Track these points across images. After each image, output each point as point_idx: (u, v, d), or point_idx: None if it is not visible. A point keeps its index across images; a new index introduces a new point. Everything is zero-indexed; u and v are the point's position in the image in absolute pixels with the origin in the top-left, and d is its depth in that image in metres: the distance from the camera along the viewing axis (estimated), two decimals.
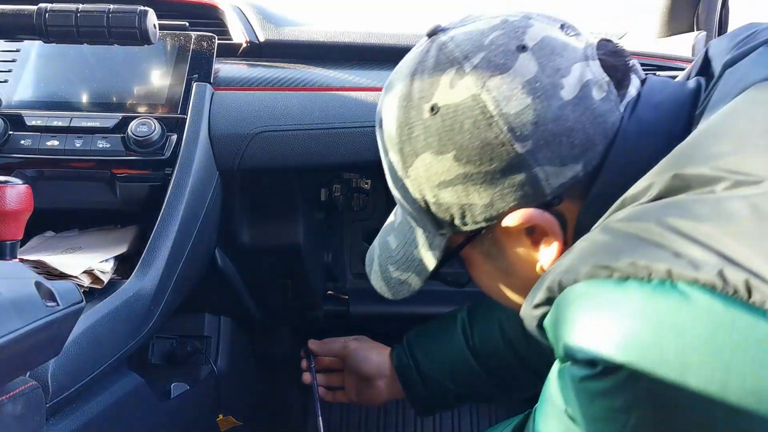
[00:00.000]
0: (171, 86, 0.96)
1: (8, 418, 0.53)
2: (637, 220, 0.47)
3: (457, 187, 0.57)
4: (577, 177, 0.55)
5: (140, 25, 0.82)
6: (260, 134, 0.97)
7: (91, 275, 0.79)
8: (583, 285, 0.47)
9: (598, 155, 0.55)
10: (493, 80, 0.55)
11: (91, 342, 0.70)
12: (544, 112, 0.54)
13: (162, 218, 0.86)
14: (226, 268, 1.10)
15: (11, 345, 0.46)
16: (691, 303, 0.42)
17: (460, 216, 0.59)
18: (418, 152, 0.58)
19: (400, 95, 0.60)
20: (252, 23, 1.11)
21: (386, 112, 0.62)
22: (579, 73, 0.55)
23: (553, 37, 0.57)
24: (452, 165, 0.56)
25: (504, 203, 0.57)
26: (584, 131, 0.54)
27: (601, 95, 0.55)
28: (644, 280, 0.44)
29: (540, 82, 0.54)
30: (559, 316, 0.49)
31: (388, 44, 1.10)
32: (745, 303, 0.41)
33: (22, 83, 0.97)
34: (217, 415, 1.19)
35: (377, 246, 0.74)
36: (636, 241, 0.46)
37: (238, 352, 1.28)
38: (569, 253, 0.51)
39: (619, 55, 0.59)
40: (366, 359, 1.04)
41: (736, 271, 0.41)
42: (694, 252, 0.43)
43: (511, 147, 0.54)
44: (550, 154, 0.54)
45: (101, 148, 0.90)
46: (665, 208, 0.47)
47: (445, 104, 0.56)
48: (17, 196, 0.68)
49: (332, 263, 1.39)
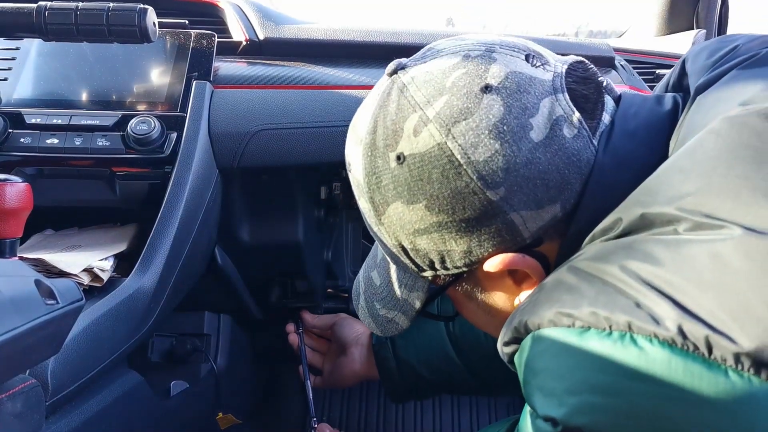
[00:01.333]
0: (171, 84, 0.96)
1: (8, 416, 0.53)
2: (601, 261, 0.47)
3: (433, 234, 0.56)
4: (556, 218, 0.54)
5: (140, 23, 0.82)
6: (260, 132, 0.97)
7: (91, 273, 0.79)
8: (546, 331, 0.47)
9: (576, 194, 0.53)
10: (457, 127, 0.52)
11: (90, 340, 0.70)
12: (514, 157, 0.52)
13: (162, 216, 0.86)
14: (226, 266, 1.10)
15: (11, 343, 0.46)
16: (650, 359, 0.41)
17: (440, 261, 0.58)
18: (389, 201, 0.57)
19: (365, 143, 0.58)
20: (252, 21, 1.11)
21: (353, 159, 0.60)
22: (548, 110, 0.53)
23: (518, 71, 0.54)
24: (425, 214, 0.55)
25: (482, 249, 0.55)
26: (558, 172, 0.52)
27: (573, 132, 0.53)
28: (605, 332, 0.43)
29: (507, 125, 0.52)
30: (522, 361, 0.49)
31: (387, 42, 1.10)
32: (706, 360, 0.40)
33: (22, 81, 0.97)
34: (216, 413, 1.19)
35: (362, 280, 0.73)
36: (599, 286, 0.45)
37: (237, 350, 1.28)
38: (538, 292, 0.50)
39: (589, 80, 0.56)
40: (350, 326, 1.08)
41: (696, 326, 0.40)
42: (655, 303, 0.42)
43: (483, 195, 0.52)
44: (525, 198, 0.52)
45: (101, 146, 0.90)
46: (628, 251, 0.46)
47: (410, 153, 0.54)
48: (17, 194, 0.68)
49: (332, 261, 1.39)
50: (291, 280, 1.23)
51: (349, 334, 1.06)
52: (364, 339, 1.05)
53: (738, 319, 0.40)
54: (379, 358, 1.02)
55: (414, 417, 1.44)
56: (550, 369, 0.46)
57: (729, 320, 0.40)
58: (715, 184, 0.45)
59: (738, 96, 0.51)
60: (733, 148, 0.47)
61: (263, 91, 1.00)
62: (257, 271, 1.19)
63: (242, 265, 1.14)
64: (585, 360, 0.44)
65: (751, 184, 0.44)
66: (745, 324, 0.39)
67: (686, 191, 0.46)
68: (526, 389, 0.49)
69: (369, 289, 0.70)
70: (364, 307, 0.72)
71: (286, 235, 1.13)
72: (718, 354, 0.40)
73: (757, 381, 0.39)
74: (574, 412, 0.44)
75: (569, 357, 0.45)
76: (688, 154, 0.49)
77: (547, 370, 0.46)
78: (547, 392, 0.46)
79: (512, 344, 0.52)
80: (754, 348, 0.39)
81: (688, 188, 0.46)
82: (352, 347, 1.05)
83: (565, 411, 0.44)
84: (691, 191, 0.46)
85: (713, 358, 0.40)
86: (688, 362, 0.40)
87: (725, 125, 0.48)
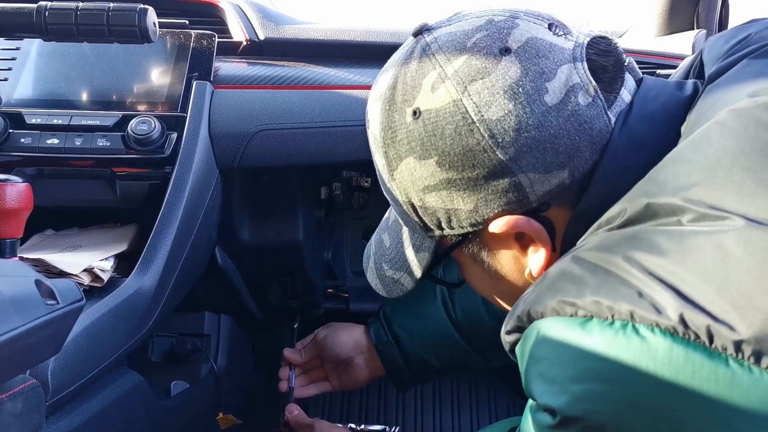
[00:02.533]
0: (171, 84, 0.96)
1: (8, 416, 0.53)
2: (605, 251, 0.47)
3: (441, 192, 0.57)
4: (563, 184, 0.54)
5: (140, 24, 0.82)
6: (260, 132, 0.97)
7: (91, 273, 0.79)
8: (549, 321, 0.47)
9: (585, 162, 0.54)
10: (474, 85, 0.53)
11: (91, 340, 0.70)
12: (526, 118, 0.52)
13: (162, 216, 0.86)
14: (226, 266, 1.10)
15: (11, 343, 0.46)
16: (652, 348, 0.42)
17: (446, 220, 0.59)
18: (402, 156, 0.58)
19: (384, 98, 0.59)
20: (252, 21, 1.11)
21: (372, 114, 0.61)
22: (565, 76, 0.54)
23: (539, 38, 0.55)
24: (435, 170, 0.56)
25: (489, 209, 0.56)
26: (569, 138, 0.53)
27: (587, 100, 0.54)
28: (607, 322, 0.44)
29: (523, 87, 0.53)
30: (525, 350, 0.50)
31: (388, 42, 1.10)
32: (707, 348, 0.40)
33: (22, 81, 0.97)
34: (216, 413, 1.19)
35: (373, 243, 0.74)
36: (602, 276, 0.46)
37: (238, 350, 1.28)
38: (541, 281, 0.51)
39: (610, 54, 0.57)
40: (338, 343, 1.04)
41: (698, 316, 0.41)
42: (657, 292, 0.43)
43: (493, 153, 0.53)
44: (533, 161, 0.53)
45: (101, 147, 0.90)
46: (632, 242, 0.46)
47: (426, 109, 0.55)
48: (17, 195, 0.68)
49: (332, 261, 1.39)
50: (291, 280, 1.23)
51: (344, 349, 1.03)
52: (363, 344, 1.03)
53: (739, 308, 0.40)
54: (385, 358, 1.02)
55: (414, 417, 1.44)
56: (553, 357, 0.46)
57: (730, 309, 0.40)
58: (719, 176, 0.46)
59: (747, 87, 0.52)
60: (739, 140, 0.47)
61: (263, 91, 1.00)
62: (257, 271, 1.19)
63: (242, 265, 1.14)
64: (587, 349, 0.44)
65: (755, 176, 0.45)
66: (746, 313, 0.40)
67: (691, 182, 0.46)
68: (526, 377, 0.49)
69: (379, 251, 0.71)
70: (372, 269, 0.72)
71: (287, 235, 1.13)
72: (719, 343, 0.40)
73: (758, 370, 0.39)
74: (575, 401, 0.44)
75: (572, 346, 0.45)
76: (694, 145, 0.49)
77: (550, 358, 0.47)
78: (549, 379, 0.47)
79: (514, 333, 0.52)
80: (754, 336, 0.39)
81: (693, 179, 0.47)
82: (355, 357, 1.03)
83: (566, 399, 0.45)
84: (696, 182, 0.46)
85: (714, 347, 0.40)
86: (689, 351, 0.41)
87: (732, 117, 0.49)
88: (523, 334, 0.51)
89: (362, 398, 1.46)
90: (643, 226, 0.47)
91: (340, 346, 1.03)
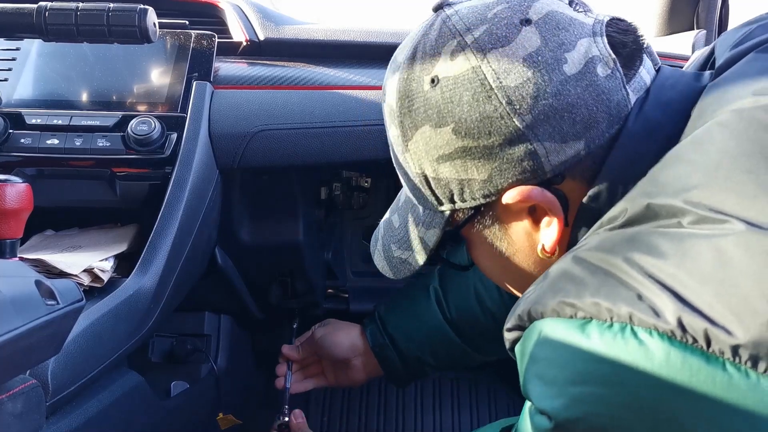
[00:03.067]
0: (171, 85, 0.96)
1: (8, 416, 0.53)
2: (606, 252, 0.47)
3: (456, 161, 0.56)
4: (578, 156, 0.54)
5: (140, 24, 0.82)
6: (260, 133, 0.97)
7: (91, 274, 0.79)
8: (549, 321, 0.47)
9: (602, 134, 0.54)
10: (493, 53, 0.54)
11: (91, 340, 0.70)
12: (544, 86, 0.53)
13: (162, 217, 0.86)
14: (226, 267, 1.10)
15: (11, 343, 0.46)
16: (650, 351, 0.42)
17: (459, 192, 0.58)
18: (417, 125, 0.58)
19: (402, 68, 0.59)
20: (252, 22, 1.11)
21: (389, 86, 0.61)
22: (584, 48, 0.54)
23: (560, 12, 0.56)
24: (451, 138, 0.56)
25: (503, 179, 0.56)
26: (587, 108, 0.53)
27: (606, 72, 0.54)
28: (606, 324, 0.44)
29: (542, 56, 0.53)
30: (524, 349, 0.50)
31: (388, 42, 1.10)
32: (704, 352, 0.41)
33: (22, 82, 0.97)
34: (217, 413, 1.19)
35: (382, 226, 0.73)
36: (602, 277, 0.46)
37: (238, 350, 1.28)
38: (543, 280, 0.51)
39: (629, 32, 0.57)
40: (335, 344, 1.04)
41: (696, 319, 0.41)
42: (656, 295, 0.43)
43: (510, 121, 0.53)
44: (550, 129, 0.53)
45: (101, 147, 0.90)
46: (633, 243, 0.46)
47: (444, 76, 0.55)
48: (17, 195, 0.68)
49: (332, 261, 1.39)
50: (291, 280, 1.23)
51: (341, 351, 1.03)
52: (359, 347, 1.04)
53: (736, 312, 0.40)
54: (382, 360, 1.02)
55: (414, 418, 1.44)
56: (551, 358, 0.46)
57: (728, 313, 0.40)
58: (720, 179, 0.46)
59: (751, 83, 0.52)
60: (741, 142, 0.47)
61: (263, 91, 1.00)
62: (257, 272, 1.19)
63: (242, 266, 1.14)
64: (586, 351, 0.44)
65: (756, 179, 0.45)
66: (744, 317, 0.40)
67: (692, 184, 0.46)
68: (525, 377, 0.49)
69: (387, 232, 0.71)
70: (380, 251, 0.72)
71: (287, 235, 1.13)
72: (717, 347, 0.40)
73: (754, 374, 0.40)
74: (573, 403, 0.44)
75: (571, 348, 0.45)
76: (695, 146, 0.49)
77: (548, 359, 0.47)
78: (547, 381, 0.47)
79: (515, 331, 0.52)
80: (752, 341, 0.39)
81: (694, 181, 0.47)
82: (353, 359, 1.04)
83: (563, 401, 0.45)
84: (696, 184, 0.46)
85: (711, 351, 0.40)
86: (686, 355, 0.41)
87: (734, 118, 0.49)
88: (523, 334, 0.51)
89: (362, 396, 1.46)
90: (644, 227, 0.47)
91: (337, 347, 1.04)
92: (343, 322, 1.08)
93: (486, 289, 0.96)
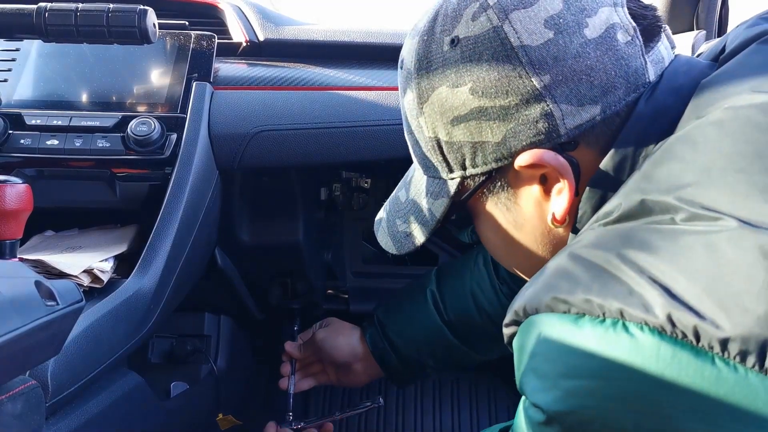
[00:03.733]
0: (171, 85, 0.96)
1: (8, 417, 0.53)
2: (600, 248, 0.48)
3: (471, 123, 0.56)
4: (594, 121, 0.54)
5: (140, 25, 0.82)
6: (260, 133, 0.97)
7: (91, 274, 0.79)
8: (543, 317, 0.48)
9: (618, 101, 0.54)
10: (516, 13, 0.54)
11: (90, 341, 0.70)
12: (565, 47, 0.53)
13: (162, 217, 0.86)
14: (226, 267, 1.10)
15: (11, 344, 0.46)
16: (641, 345, 0.42)
17: (471, 156, 0.58)
18: (434, 86, 0.58)
19: (422, 31, 0.59)
20: (252, 22, 1.11)
21: (407, 49, 0.61)
22: (606, 15, 0.54)
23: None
24: (467, 98, 0.56)
25: (517, 141, 0.56)
26: (605, 72, 0.54)
27: (626, 39, 0.54)
28: (598, 319, 0.44)
29: (564, 19, 0.54)
30: (520, 344, 0.50)
31: (387, 43, 1.10)
32: (694, 347, 0.41)
33: (22, 82, 0.97)
34: (216, 414, 1.19)
35: (388, 202, 0.73)
36: (596, 273, 0.46)
37: (237, 351, 1.28)
38: (539, 275, 0.51)
39: (649, 9, 0.58)
40: (336, 347, 1.05)
41: (685, 315, 0.41)
42: (646, 290, 0.43)
43: (528, 80, 0.53)
44: (567, 91, 0.53)
45: (101, 148, 0.90)
46: (626, 239, 0.47)
47: (465, 36, 0.56)
48: (17, 196, 0.68)
49: (332, 262, 1.39)
50: (291, 280, 1.23)
51: (342, 354, 1.04)
52: (360, 351, 1.04)
53: (726, 308, 0.40)
54: (383, 363, 1.02)
55: (414, 418, 1.44)
56: (545, 353, 0.47)
57: (717, 309, 0.40)
58: (714, 177, 0.46)
59: (749, 78, 0.52)
60: (735, 141, 0.47)
61: (263, 92, 1.00)
62: (257, 272, 1.19)
63: (242, 266, 1.14)
64: (579, 346, 0.45)
65: (749, 178, 0.45)
66: (733, 313, 0.40)
67: (686, 182, 0.47)
68: (520, 372, 0.50)
69: (393, 208, 0.71)
70: (384, 228, 0.72)
71: (287, 236, 1.13)
72: (706, 342, 0.40)
73: (743, 369, 0.40)
74: (565, 396, 0.45)
75: (563, 342, 0.46)
76: (690, 143, 0.49)
77: (542, 353, 0.47)
78: (541, 374, 0.47)
79: (512, 326, 0.52)
80: (741, 336, 0.39)
81: (688, 179, 0.47)
82: (353, 364, 1.04)
83: (555, 394, 0.45)
84: (690, 182, 0.46)
85: (701, 346, 0.41)
86: (676, 350, 0.41)
87: (729, 116, 0.49)
88: (519, 328, 0.51)
89: (362, 392, 1.47)
90: (638, 223, 0.48)
91: (338, 351, 1.04)
92: (344, 323, 1.08)
93: (482, 290, 0.96)
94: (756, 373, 0.39)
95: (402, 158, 0.67)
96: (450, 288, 0.99)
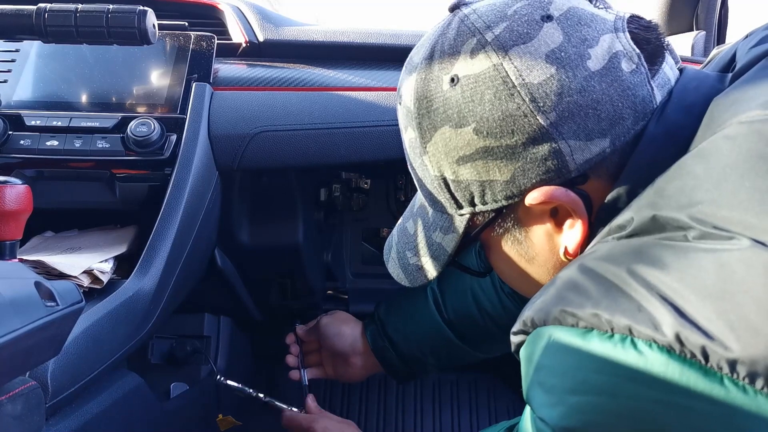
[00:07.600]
0: (170, 86, 0.96)
1: (8, 417, 0.53)
2: (611, 262, 0.47)
3: (477, 162, 0.55)
4: (604, 153, 0.53)
5: (139, 25, 0.82)
6: (260, 134, 0.97)
7: (91, 275, 0.79)
8: (552, 329, 0.47)
9: (627, 131, 0.53)
10: (515, 49, 0.52)
11: (90, 342, 0.70)
12: (568, 82, 0.51)
13: (161, 218, 0.86)
14: (226, 268, 1.10)
15: (11, 345, 0.46)
16: (649, 363, 0.42)
17: (480, 194, 0.57)
18: (437, 126, 0.56)
19: (420, 68, 0.58)
20: (251, 23, 1.11)
21: (405, 87, 0.60)
22: (607, 44, 0.53)
23: (581, 8, 0.55)
24: (472, 138, 0.54)
25: (526, 179, 0.54)
26: (612, 104, 0.52)
27: (631, 67, 0.53)
28: (606, 334, 0.44)
29: (565, 52, 0.52)
30: (528, 355, 0.50)
31: (387, 44, 1.10)
32: (702, 366, 0.40)
33: (22, 83, 0.97)
34: (216, 414, 1.19)
35: (395, 233, 0.72)
36: (606, 288, 0.45)
37: (237, 352, 1.28)
38: (549, 286, 0.50)
39: (651, 29, 0.56)
40: (338, 335, 1.05)
41: (694, 334, 0.40)
42: (656, 308, 0.42)
43: (533, 119, 0.52)
44: (575, 127, 0.52)
45: (101, 148, 0.90)
46: (638, 255, 0.46)
47: (465, 75, 0.54)
48: (17, 196, 0.68)
49: (332, 263, 1.39)
50: (291, 281, 1.23)
51: (342, 344, 1.04)
52: (360, 346, 1.04)
53: (736, 329, 0.40)
54: (382, 360, 1.02)
55: (414, 418, 1.44)
56: (552, 366, 0.46)
57: (726, 330, 0.40)
58: (726, 195, 0.45)
59: (760, 95, 0.50)
60: (747, 157, 0.46)
61: (263, 93, 1.00)
62: (257, 273, 1.19)
63: (242, 267, 1.14)
64: (586, 360, 0.44)
65: (762, 197, 0.44)
66: (742, 334, 0.40)
67: (698, 199, 0.46)
68: (526, 383, 0.49)
69: (402, 239, 0.70)
70: (395, 259, 0.71)
71: (286, 236, 1.13)
72: (714, 362, 0.40)
73: (752, 390, 0.39)
74: (571, 411, 0.44)
75: (571, 356, 0.45)
76: (702, 159, 0.48)
77: (550, 367, 0.47)
78: (547, 388, 0.47)
79: (520, 335, 0.52)
80: (750, 357, 0.39)
81: (700, 196, 0.46)
82: (352, 357, 1.04)
83: (561, 410, 0.45)
84: (702, 200, 0.46)
85: (710, 366, 0.40)
86: (685, 368, 0.41)
87: (742, 131, 0.48)
88: (527, 339, 0.51)
89: (362, 393, 1.47)
90: (650, 238, 0.47)
91: (340, 339, 1.05)
92: (349, 315, 1.09)
93: (483, 290, 0.96)
94: (765, 396, 0.39)
95: (402, 159, 0.66)
96: (450, 287, 0.99)
